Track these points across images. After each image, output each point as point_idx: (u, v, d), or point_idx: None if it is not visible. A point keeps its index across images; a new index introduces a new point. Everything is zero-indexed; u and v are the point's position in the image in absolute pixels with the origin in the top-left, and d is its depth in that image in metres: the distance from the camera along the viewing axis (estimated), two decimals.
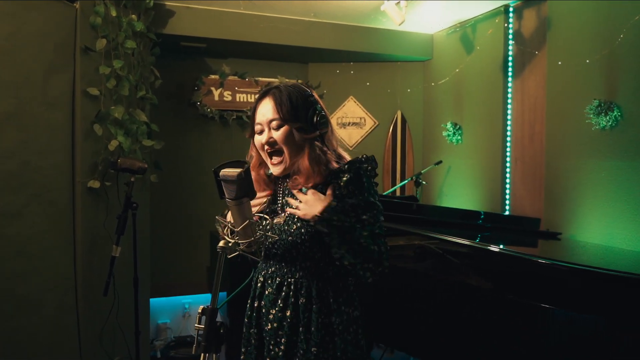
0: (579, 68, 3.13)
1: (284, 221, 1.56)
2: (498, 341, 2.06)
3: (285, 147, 1.53)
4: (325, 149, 1.57)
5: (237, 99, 4.41)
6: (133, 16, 3.26)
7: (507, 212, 3.72)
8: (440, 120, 4.43)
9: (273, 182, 1.66)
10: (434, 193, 4.51)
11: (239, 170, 1.38)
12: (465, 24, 4.10)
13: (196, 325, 1.41)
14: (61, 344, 2.80)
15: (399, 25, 3.40)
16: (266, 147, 1.55)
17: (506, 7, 3.73)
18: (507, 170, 3.80)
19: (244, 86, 4.43)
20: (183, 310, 4.51)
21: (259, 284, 1.63)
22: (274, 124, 1.53)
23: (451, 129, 4.22)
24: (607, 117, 2.91)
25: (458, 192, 4.22)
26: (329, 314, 1.53)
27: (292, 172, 1.57)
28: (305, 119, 1.53)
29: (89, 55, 2.94)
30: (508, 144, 3.80)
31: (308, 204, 1.48)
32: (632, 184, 2.83)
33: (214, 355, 1.39)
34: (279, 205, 1.63)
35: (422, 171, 4.31)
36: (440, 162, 4.28)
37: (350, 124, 4.73)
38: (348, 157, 1.62)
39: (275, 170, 1.58)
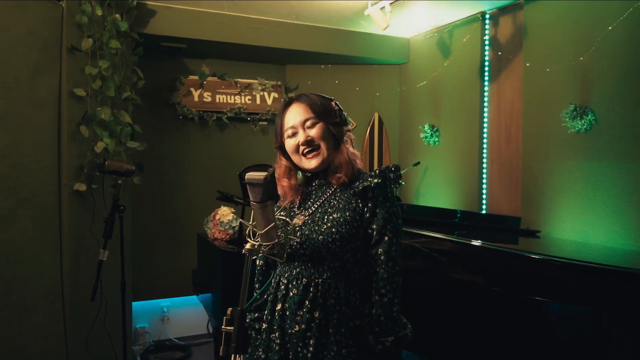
0: (555, 74, 3.29)
1: (314, 221, 1.57)
2: (483, 328, 2.16)
3: (323, 142, 1.59)
4: (353, 146, 1.67)
5: (217, 100, 4.39)
6: (117, 15, 3.21)
7: (483, 212, 3.85)
8: (417, 122, 4.55)
9: (302, 187, 1.68)
10: (411, 193, 4.63)
11: (264, 173, 1.40)
12: (442, 30, 4.23)
13: (223, 327, 1.42)
14: (50, 351, 2.74)
15: (384, 29, 3.48)
16: (302, 147, 1.59)
17: (483, 14, 3.87)
18: (484, 171, 3.94)
19: (224, 87, 4.42)
20: (162, 313, 4.45)
21: (281, 286, 1.61)
22: (309, 122, 1.59)
23: (429, 131, 4.34)
24: (582, 121, 3.08)
25: (435, 193, 4.34)
26: (354, 317, 1.54)
27: (331, 169, 1.61)
28: (335, 115, 1.62)
29: (75, 55, 2.88)
30: (485, 146, 3.94)
31: None
32: (606, 184, 3.00)
33: (242, 356, 1.41)
34: (307, 205, 1.64)
35: (401, 172, 4.41)
36: (419, 163, 4.39)
37: None
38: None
39: (311, 163, 1.60)
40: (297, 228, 1.59)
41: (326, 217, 1.56)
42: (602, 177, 3.02)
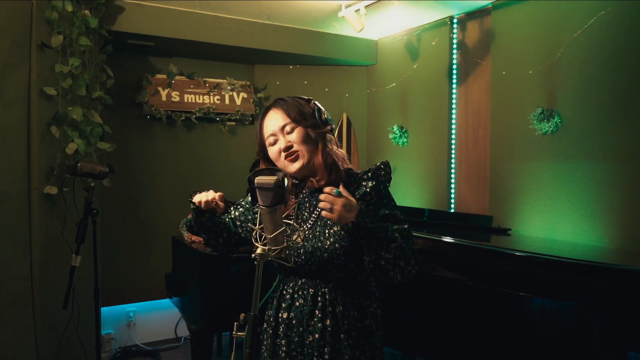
0: (522, 78, 3.42)
1: (315, 235, 1.57)
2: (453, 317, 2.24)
3: (303, 145, 1.56)
4: (336, 145, 1.64)
5: (186, 100, 4.31)
6: (86, 12, 3.10)
7: (458, 212, 3.95)
8: (386, 123, 4.62)
9: (292, 195, 1.66)
10: None
11: (274, 177, 1.40)
12: (411, 33, 4.31)
13: (234, 333, 1.41)
14: None
15: (359, 32, 3.52)
16: (284, 153, 1.57)
17: (451, 18, 3.97)
18: (452, 171, 4.05)
19: (192, 86, 4.34)
20: (128, 319, 4.33)
21: (286, 296, 1.62)
22: (288, 128, 1.57)
23: (397, 131, 4.42)
24: (549, 124, 3.22)
25: (404, 193, 4.43)
26: (363, 317, 1.58)
27: (309, 173, 1.60)
28: (313, 117, 1.60)
29: (45, 53, 2.76)
30: (453, 147, 4.05)
31: (343, 208, 1.41)
32: (571, 184, 3.15)
33: None
34: (304, 216, 1.64)
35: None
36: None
37: None
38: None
39: (294, 166, 1.57)
40: (300, 245, 1.59)
41: (327, 231, 1.55)
42: (568, 177, 3.17)
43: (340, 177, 1.59)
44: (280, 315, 1.63)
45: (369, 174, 1.58)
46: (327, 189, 1.43)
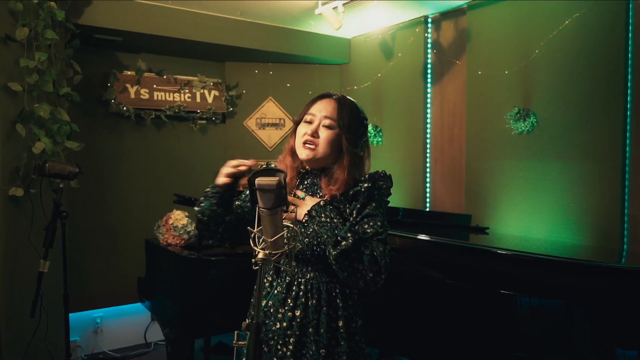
0: (498, 78, 3.46)
1: (301, 224, 1.59)
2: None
3: (325, 145, 1.59)
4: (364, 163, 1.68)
5: (155, 97, 4.16)
6: (52, 3, 2.93)
7: (436, 211, 3.96)
8: None
9: (300, 175, 1.69)
10: None
11: (276, 179, 1.34)
12: (386, 32, 4.30)
13: (235, 342, 1.34)
14: None
15: (337, 29, 3.48)
16: (307, 137, 1.60)
17: (425, 17, 3.98)
18: (427, 170, 4.06)
19: (162, 84, 4.19)
20: (94, 325, 4.15)
21: (266, 284, 1.63)
22: (328, 122, 1.60)
23: (372, 130, 4.40)
24: (525, 123, 3.27)
25: None
26: (336, 318, 1.56)
27: (326, 175, 1.63)
28: (354, 134, 1.62)
29: (9, 46, 2.60)
30: (428, 146, 4.06)
31: (302, 205, 1.59)
32: (547, 182, 3.21)
33: None
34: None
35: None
36: None
37: (270, 124, 4.71)
38: None
39: (303, 154, 1.61)
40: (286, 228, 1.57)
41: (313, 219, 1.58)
42: (543, 176, 3.22)
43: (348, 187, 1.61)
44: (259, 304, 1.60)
45: (367, 176, 1.61)
46: (297, 192, 1.63)
